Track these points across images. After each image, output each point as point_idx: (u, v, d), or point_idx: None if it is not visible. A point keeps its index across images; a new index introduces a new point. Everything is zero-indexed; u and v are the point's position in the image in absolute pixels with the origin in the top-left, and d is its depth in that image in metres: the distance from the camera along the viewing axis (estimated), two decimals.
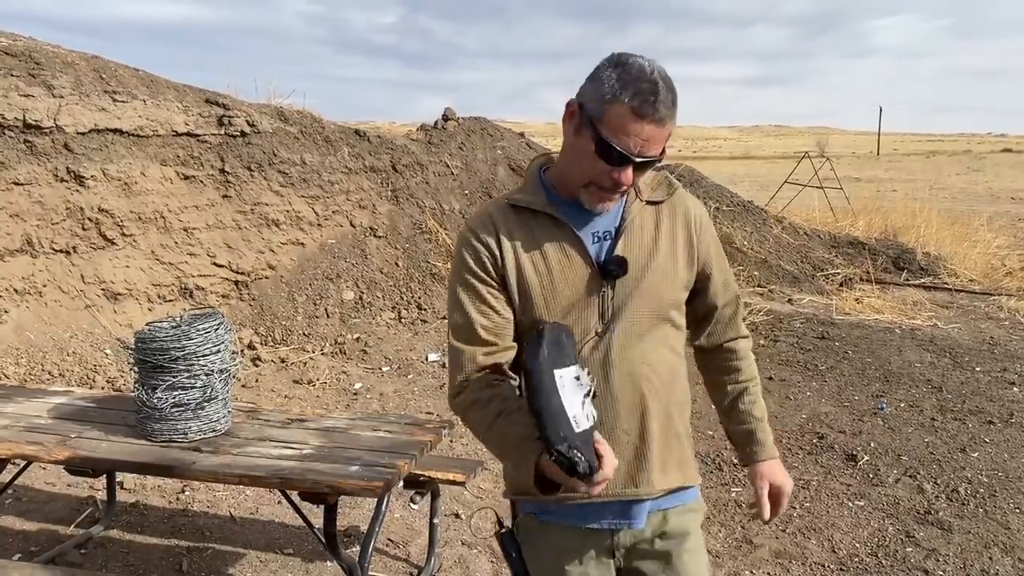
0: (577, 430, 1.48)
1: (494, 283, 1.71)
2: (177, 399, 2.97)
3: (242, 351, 6.70)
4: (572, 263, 1.70)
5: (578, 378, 1.57)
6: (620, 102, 1.55)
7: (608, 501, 1.74)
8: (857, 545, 3.97)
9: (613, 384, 1.71)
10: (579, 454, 1.44)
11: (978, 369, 6.82)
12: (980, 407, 5.85)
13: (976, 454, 5.01)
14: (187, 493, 4.38)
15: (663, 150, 1.62)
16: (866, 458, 4.94)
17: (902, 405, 5.94)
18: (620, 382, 1.71)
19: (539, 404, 1.48)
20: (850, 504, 4.39)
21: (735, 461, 4.73)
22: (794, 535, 4.06)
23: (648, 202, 1.76)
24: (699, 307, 1.88)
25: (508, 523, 1.88)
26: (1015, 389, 6.26)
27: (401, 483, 3.42)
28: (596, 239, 1.73)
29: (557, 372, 1.53)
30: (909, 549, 3.90)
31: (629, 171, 1.60)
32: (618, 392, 1.71)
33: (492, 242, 1.72)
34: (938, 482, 4.62)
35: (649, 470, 1.75)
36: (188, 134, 7.26)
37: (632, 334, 1.72)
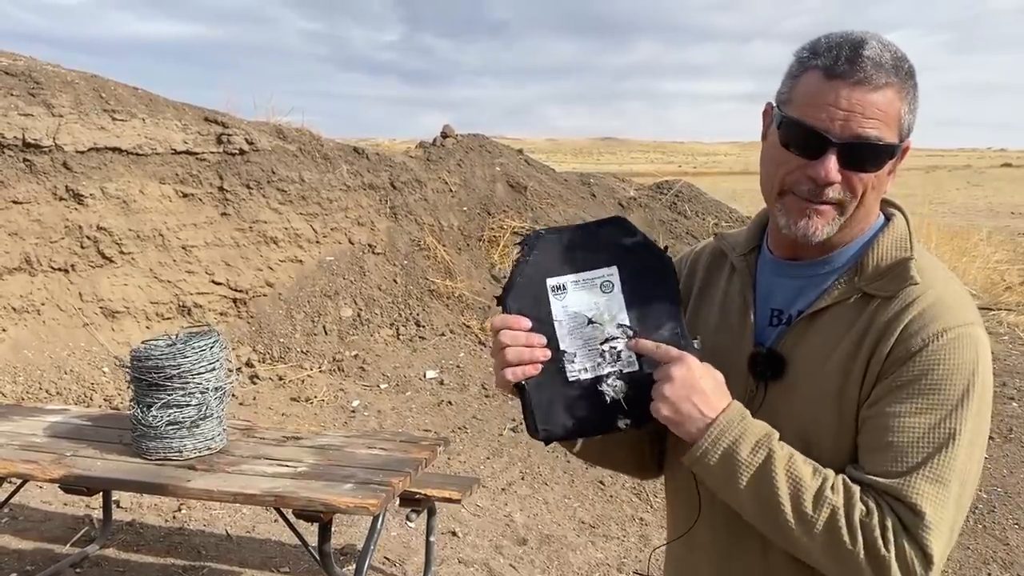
0: (568, 375, 1.22)
1: None
2: (172, 417, 2.97)
3: (240, 369, 6.70)
4: (731, 335, 1.32)
5: (592, 320, 1.23)
6: (809, 68, 1.18)
7: None
8: None
9: (717, 508, 1.29)
10: (538, 412, 1.21)
11: None
12: None
13: None
14: (184, 511, 4.37)
15: (898, 141, 1.16)
16: None
17: None
18: (729, 511, 1.25)
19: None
20: None
21: None
22: None
23: (864, 291, 1.22)
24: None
25: None
26: (1014, 404, 6.25)
27: (397, 501, 3.42)
28: (775, 319, 1.29)
29: (553, 281, 1.25)
30: None
31: (830, 161, 1.15)
32: (720, 521, 1.31)
33: (678, 274, 1.38)
34: None
35: None
36: (187, 152, 7.28)
37: None
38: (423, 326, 7.82)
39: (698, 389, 1.16)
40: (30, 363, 6.01)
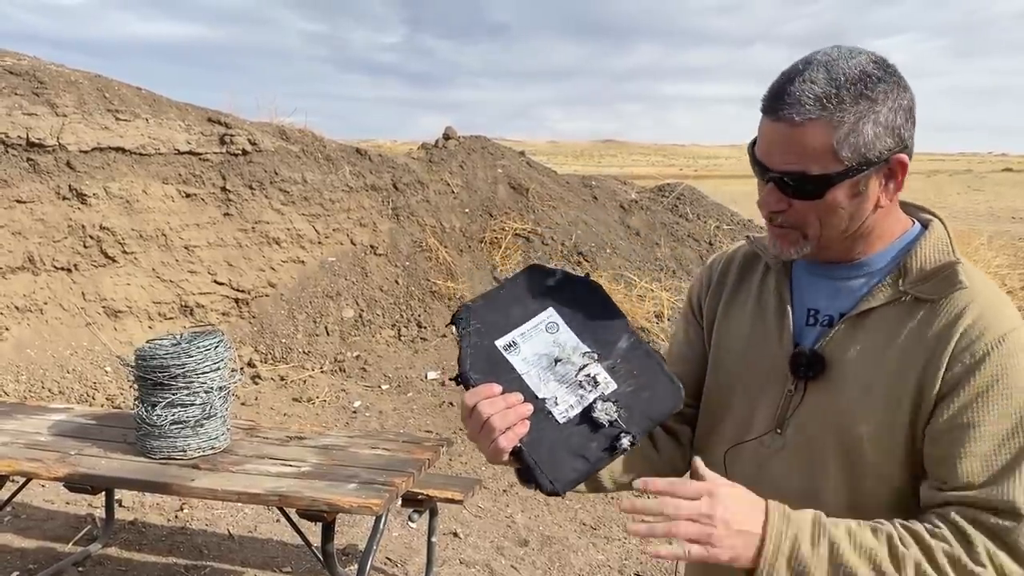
0: (559, 418, 1.20)
1: (692, 313, 1.50)
2: (176, 416, 2.98)
3: (242, 369, 6.71)
4: (767, 336, 1.33)
5: (558, 359, 1.24)
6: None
7: None
8: None
9: None
10: (535, 459, 1.18)
11: None
12: None
13: None
14: (186, 511, 4.38)
15: (840, 168, 1.14)
16: None
17: None
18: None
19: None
20: None
21: None
22: None
23: (913, 295, 1.22)
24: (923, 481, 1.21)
25: None
26: None
27: (399, 501, 3.43)
28: (812, 319, 1.30)
29: (502, 341, 1.25)
30: None
31: (768, 190, 1.21)
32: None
33: (711, 275, 1.47)
34: None
35: None
36: (190, 152, 7.30)
37: (804, 461, 1.27)
38: (425, 327, 7.83)
39: (738, 514, 1.11)
40: (33, 362, 6.02)
